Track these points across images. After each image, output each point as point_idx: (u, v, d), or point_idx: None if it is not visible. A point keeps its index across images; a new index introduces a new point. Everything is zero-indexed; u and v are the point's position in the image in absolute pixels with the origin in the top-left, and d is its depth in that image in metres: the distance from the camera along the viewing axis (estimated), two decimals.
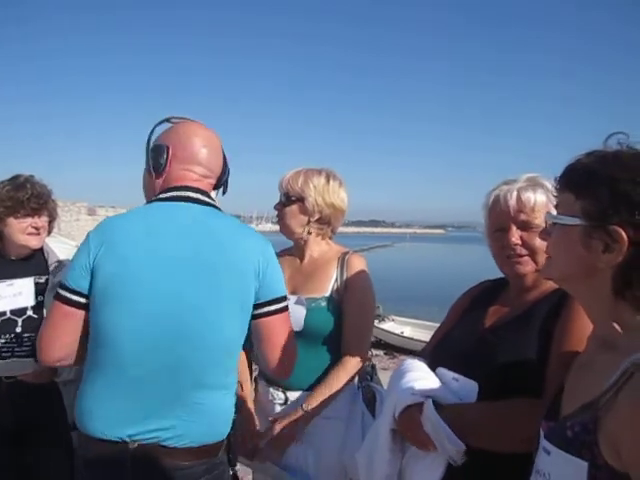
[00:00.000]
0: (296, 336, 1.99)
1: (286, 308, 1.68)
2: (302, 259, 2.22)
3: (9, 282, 2.32)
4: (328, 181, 2.14)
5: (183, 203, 1.60)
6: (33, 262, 2.41)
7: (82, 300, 1.51)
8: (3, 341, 2.28)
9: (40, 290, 2.35)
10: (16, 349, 2.28)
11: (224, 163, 1.75)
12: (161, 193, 1.64)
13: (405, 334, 14.58)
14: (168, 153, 1.65)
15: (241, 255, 1.58)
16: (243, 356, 2.20)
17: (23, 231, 2.31)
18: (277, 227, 2.23)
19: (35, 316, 2.32)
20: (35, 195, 2.32)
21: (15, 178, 2.35)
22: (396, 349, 13.43)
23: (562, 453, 0.97)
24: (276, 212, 2.23)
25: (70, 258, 2.35)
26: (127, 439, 1.50)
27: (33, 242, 2.35)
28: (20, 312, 2.31)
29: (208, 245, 1.55)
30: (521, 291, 1.58)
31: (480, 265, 1.70)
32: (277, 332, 1.67)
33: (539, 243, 1.46)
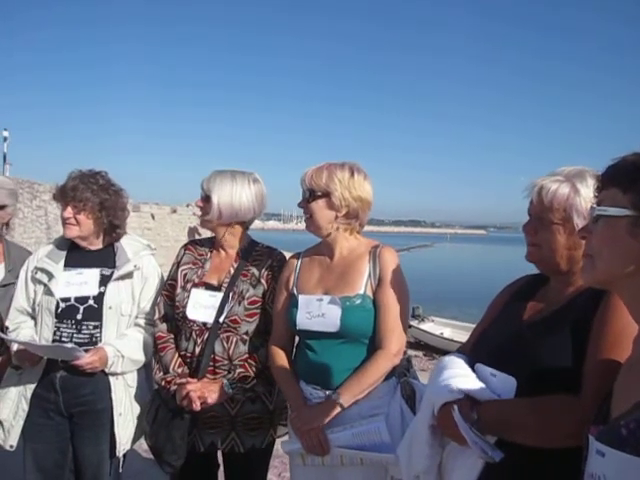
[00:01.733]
0: (333, 337, 2.03)
1: None
2: (332, 257, 2.18)
3: (79, 271, 2.47)
4: (352, 174, 2.09)
5: None
6: (104, 255, 2.54)
7: None
8: (65, 326, 2.40)
9: (104, 281, 2.46)
10: (75, 335, 2.39)
11: None
12: None
13: (445, 335, 14.46)
14: None
15: None
16: (281, 355, 2.19)
17: (62, 221, 2.46)
18: None
19: (95, 306, 2.43)
20: (68, 187, 2.42)
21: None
22: (435, 350, 13.31)
23: (618, 453, 0.95)
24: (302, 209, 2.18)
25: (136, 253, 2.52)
26: None
27: (66, 232, 2.46)
28: (83, 300, 2.43)
29: None
30: (559, 286, 1.57)
31: (521, 266, 1.64)
32: None
33: (546, 237, 1.51)
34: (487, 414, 1.38)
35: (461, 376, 1.50)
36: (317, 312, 2.05)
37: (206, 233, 2.52)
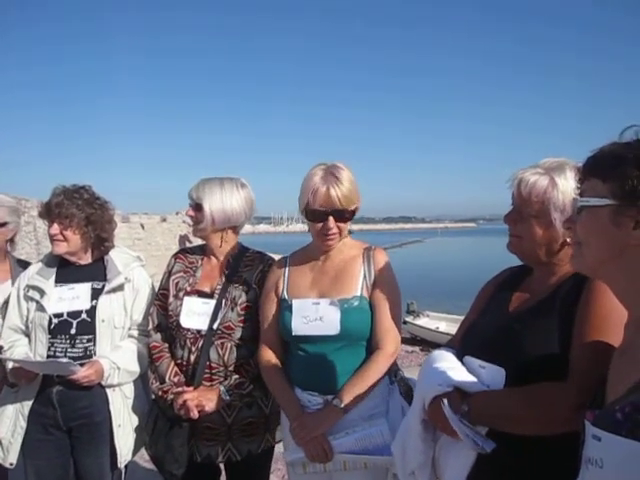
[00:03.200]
0: (332, 340, 2.02)
1: None
2: (323, 260, 2.17)
3: (70, 286, 2.49)
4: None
5: None
6: (93, 268, 2.55)
7: None
8: (59, 341, 2.41)
9: (95, 295, 2.47)
10: (69, 350, 2.41)
11: None
12: None
13: (440, 329, 14.51)
14: None
15: None
16: (273, 363, 2.17)
17: (50, 237, 2.47)
18: (307, 227, 2.15)
19: (88, 319, 2.44)
20: (53, 204, 2.43)
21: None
22: (432, 345, 13.34)
23: (614, 437, 0.97)
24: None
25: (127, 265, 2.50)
26: None
27: (55, 248, 2.47)
28: (75, 315, 2.44)
29: None
30: (543, 276, 1.59)
31: (513, 257, 1.65)
32: None
33: (525, 229, 1.54)
34: (477, 405, 1.40)
35: (450, 369, 1.51)
36: (314, 316, 2.04)
37: (197, 240, 2.53)
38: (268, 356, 2.18)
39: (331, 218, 2.02)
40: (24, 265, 2.81)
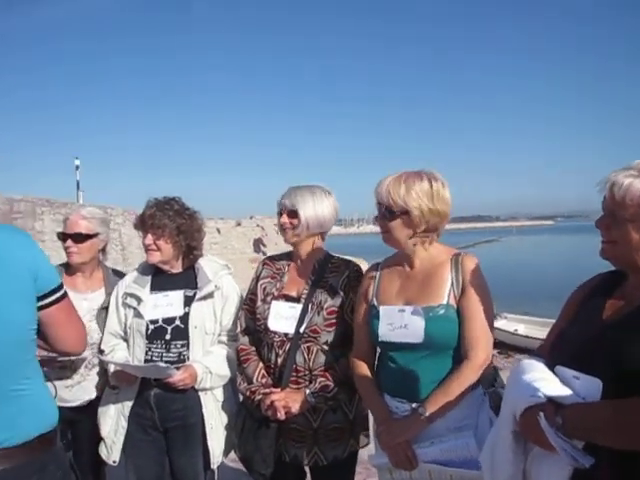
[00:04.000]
0: (417, 348, 2.01)
1: (65, 295, 1.80)
2: (411, 267, 2.15)
3: (165, 293, 2.63)
4: (431, 185, 2.03)
5: None
6: (185, 277, 2.68)
7: None
8: (155, 346, 2.56)
9: (187, 302, 2.60)
10: (164, 354, 2.54)
11: None
12: None
13: (519, 332, 14.10)
14: None
15: (9, 255, 1.65)
16: (363, 367, 2.20)
17: (145, 248, 2.62)
18: (378, 229, 2.18)
19: (182, 326, 2.57)
20: (147, 215, 2.59)
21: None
22: (510, 347, 13.01)
23: None
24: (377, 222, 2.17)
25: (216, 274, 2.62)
26: None
27: (149, 258, 2.63)
28: (170, 321, 2.57)
29: None
30: (639, 282, 1.51)
31: (595, 257, 1.59)
32: (65, 317, 1.80)
33: (620, 234, 1.46)
34: (572, 418, 1.34)
35: (543, 380, 1.46)
36: (399, 323, 2.04)
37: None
38: (359, 361, 2.22)
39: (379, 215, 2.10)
40: (118, 274, 2.99)
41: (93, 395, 2.73)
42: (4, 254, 1.64)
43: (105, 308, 2.78)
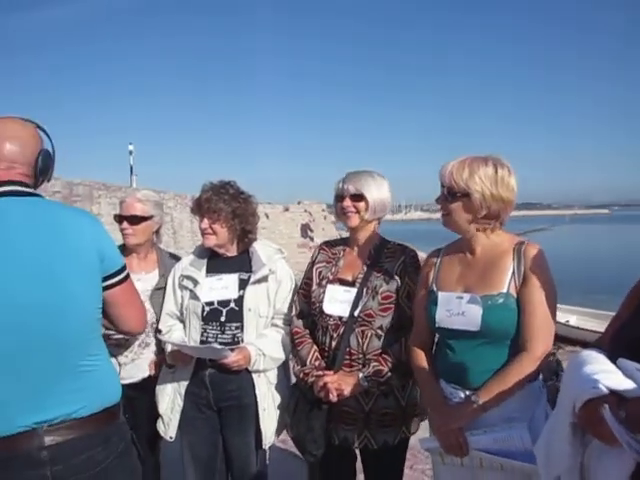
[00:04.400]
0: (474, 336, 1.99)
1: (128, 276, 1.87)
2: (473, 253, 2.11)
3: (219, 276, 2.68)
4: (496, 171, 1.98)
5: (8, 198, 1.68)
6: (240, 260, 2.73)
7: None
8: (210, 327, 2.62)
9: (242, 285, 2.65)
10: (219, 336, 2.60)
11: (40, 151, 1.79)
12: None
13: (571, 323, 13.76)
14: None
15: (77, 236, 1.71)
16: (420, 352, 2.21)
17: (201, 231, 2.68)
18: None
19: (236, 308, 2.62)
20: (203, 200, 2.63)
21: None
22: (561, 339, 12.73)
23: None
24: (438, 205, 2.14)
25: (270, 258, 2.67)
26: (35, 426, 1.61)
27: (205, 241, 2.68)
28: (225, 303, 2.63)
29: (45, 234, 1.66)
30: None
31: None
32: (128, 297, 1.88)
33: None
34: (636, 412, 1.27)
35: (604, 372, 1.41)
36: (457, 310, 2.02)
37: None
38: (417, 346, 2.22)
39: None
40: (174, 257, 3.05)
41: (146, 374, 2.80)
42: (73, 235, 1.71)
43: (159, 289, 2.84)
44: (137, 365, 2.79)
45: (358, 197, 2.42)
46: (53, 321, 1.64)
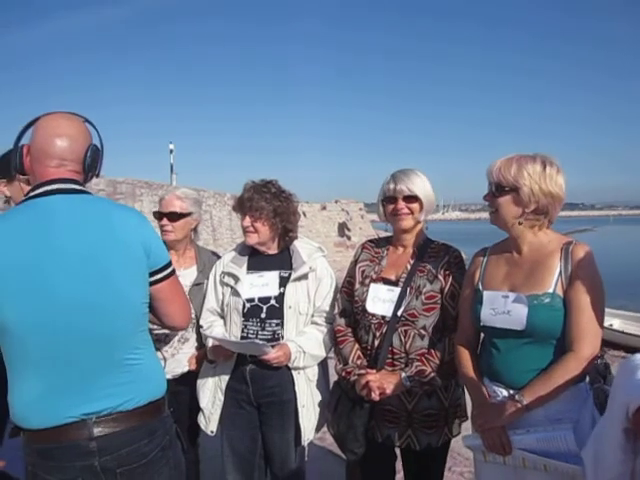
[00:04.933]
0: (519, 335, 1.98)
1: (174, 272, 1.89)
2: (520, 252, 2.10)
3: (260, 274, 2.71)
4: (544, 168, 1.99)
5: (56, 196, 1.69)
6: (281, 258, 2.75)
7: None
8: (251, 324, 2.65)
9: (283, 283, 2.67)
10: (260, 332, 2.63)
11: (88, 146, 1.79)
12: (30, 191, 1.73)
13: (614, 327, 13.38)
14: (22, 152, 1.74)
15: (126, 232, 1.73)
16: (465, 351, 2.20)
17: (243, 229, 2.71)
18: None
19: (277, 305, 2.64)
20: (245, 198, 2.67)
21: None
22: (605, 343, 12.40)
23: None
24: (486, 202, 2.14)
25: (310, 256, 2.68)
26: (84, 417, 1.65)
27: (247, 239, 2.71)
28: (265, 300, 2.65)
29: (93, 230, 1.69)
30: None
31: None
32: (174, 293, 1.90)
33: None
34: None
35: None
36: (502, 309, 2.01)
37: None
38: (462, 344, 2.22)
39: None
40: (212, 254, 3.09)
41: (185, 369, 2.84)
42: (121, 231, 1.73)
43: (197, 284, 2.88)
44: (177, 360, 2.83)
45: (412, 198, 2.40)
46: (100, 318, 1.67)
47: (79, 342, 1.65)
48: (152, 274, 1.81)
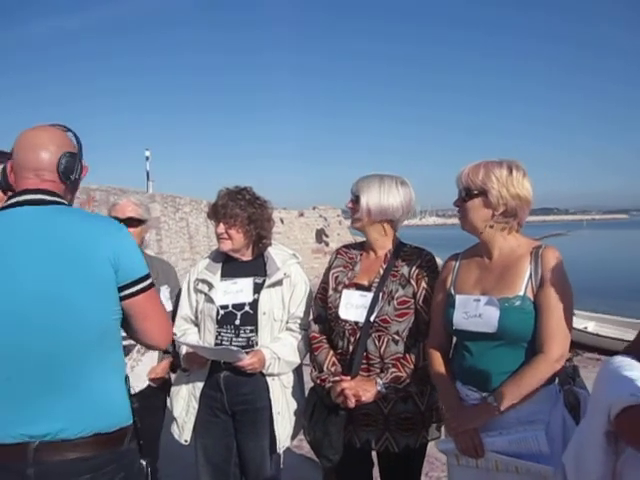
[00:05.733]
0: (491, 338, 2.01)
1: (150, 285, 1.76)
2: (490, 257, 2.13)
3: (234, 280, 2.69)
4: (511, 172, 2.04)
5: (24, 207, 1.66)
6: (255, 264, 2.74)
7: None
8: (225, 330, 2.63)
9: (257, 289, 2.66)
10: (234, 339, 2.61)
11: (62, 154, 1.74)
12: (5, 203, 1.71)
13: (589, 329, 13.61)
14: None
15: (89, 246, 1.64)
16: (437, 355, 2.21)
17: (217, 236, 2.69)
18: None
19: (251, 312, 2.63)
20: (219, 205, 2.65)
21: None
22: (579, 346, 12.59)
23: None
24: (456, 207, 2.17)
25: (284, 262, 2.66)
26: (27, 439, 1.56)
27: (221, 246, 2.70)
28: (239, 307, 2.64)
29: (53, 244, 1.62)
30: None
31: None
32: (150, 308, 1.76)
33: None
34: None
35: None
36: (474, 312, 2.04)
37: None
38: (434, 348, 2.23)
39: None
40: (158, 261, 3.09)
41: (145, 384, 2.79)
42: (84, 245, 1.65)
43: None
44: (136, 373, 2.77)
45: (357, 198, 2.44)
46: (51, 339, 1.59)
47: (19, 359, 1.58)
48: (123, 288, 1.70)
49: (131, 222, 2.83)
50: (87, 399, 1.63)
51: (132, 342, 2.63)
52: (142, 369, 2.80)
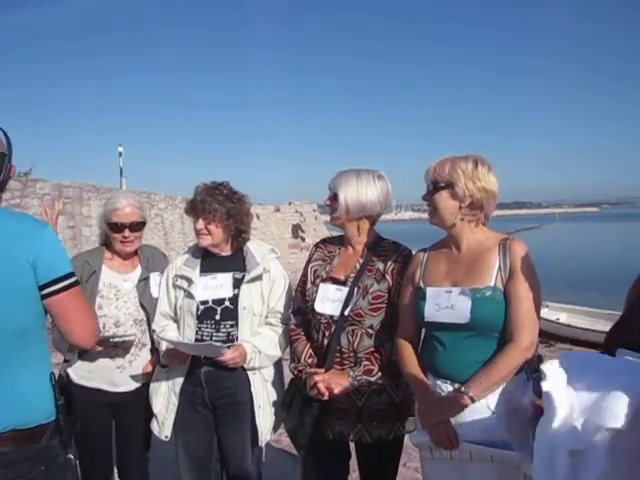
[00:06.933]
0: (463, 329, 2.05)
1: (74, 284, 1.76)
2: (459, 249, 2.18)
3: (213, 275, 2.70)
4: (476, 166, 2.11)
5: None
6: (234, 259, 2.75)
7: None
8: (205, 326, 2.64)
9: (236, 284, 2.67)
10: (214, 334, 2.63)
11: None
12: None
13: (561, 321, 13.87)
14: None
15: (7, 245, 1.64)
16: (408, 348, 2.24)
17: (195, 232, 2.69)
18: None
19: (231, 307, 2.64)
20: (197, 201, 2.65)
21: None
22: (552, 337, 12.83)
23: None
24: (425, 202, 2.22)
25: (263, 257, 2.67)
26: None
27: (200, 241, 2.70)
28: (219, 302, 2.65)
29: None
30: None
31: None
32: (71, 307, 1.76)
33: None
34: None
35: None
36: (446, 304, 2.08)
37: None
38: (404, 342, 2.26)
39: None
40: (147, 248, 3.03)
41: (141, 383, 2.79)
42: (2, 244, 1.65)
43: (142, 280, 2.84)
44: (134, 367, 2.77)
45: (334, 195, 2.46)
46: None
47: None
48: (43, 287, 1.70)
49: (136, 226, 2.80)
50: (4, 396, 1.65)
51: (132, 337, 2.68)
52: (139, 364, 2.79)
